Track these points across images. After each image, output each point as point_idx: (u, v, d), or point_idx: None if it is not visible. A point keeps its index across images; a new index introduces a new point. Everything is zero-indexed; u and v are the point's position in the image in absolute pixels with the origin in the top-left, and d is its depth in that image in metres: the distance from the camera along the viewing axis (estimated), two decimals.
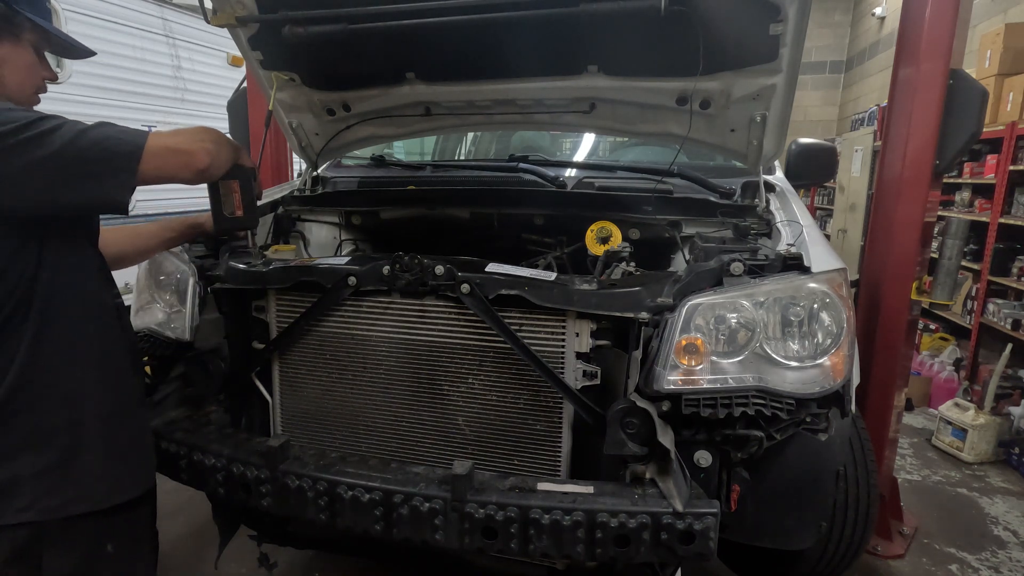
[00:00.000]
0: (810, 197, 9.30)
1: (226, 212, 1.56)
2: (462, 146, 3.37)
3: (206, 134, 1.30)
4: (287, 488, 1.43)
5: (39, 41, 1.25)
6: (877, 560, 2.62)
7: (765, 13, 1.58)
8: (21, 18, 1.19)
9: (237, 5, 1.82)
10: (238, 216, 1.57)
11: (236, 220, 1.58)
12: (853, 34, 9.86)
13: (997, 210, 4.23)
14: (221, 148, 1.33)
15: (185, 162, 1.24)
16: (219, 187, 1.54)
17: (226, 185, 1.53)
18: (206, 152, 1.26)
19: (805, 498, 1.40)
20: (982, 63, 4.57)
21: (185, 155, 1.24)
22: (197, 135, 1.28)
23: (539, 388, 1.51)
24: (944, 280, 2.75)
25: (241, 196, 1.55)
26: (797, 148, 2.47)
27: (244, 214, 1.57)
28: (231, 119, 2.87)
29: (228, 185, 1.53)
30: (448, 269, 1.46)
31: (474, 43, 1.86)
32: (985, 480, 3.46)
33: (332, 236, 2.46)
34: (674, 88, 1.94)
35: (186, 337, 1.73)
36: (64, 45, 1.33)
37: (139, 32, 4.71)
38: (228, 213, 1.56)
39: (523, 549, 1.29)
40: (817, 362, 1.35)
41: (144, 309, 1.79)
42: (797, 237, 1.66)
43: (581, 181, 2.29)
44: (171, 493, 1.74)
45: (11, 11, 1.18)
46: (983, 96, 2.23)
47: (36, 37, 1.24)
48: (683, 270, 1.54)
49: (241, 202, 1.55)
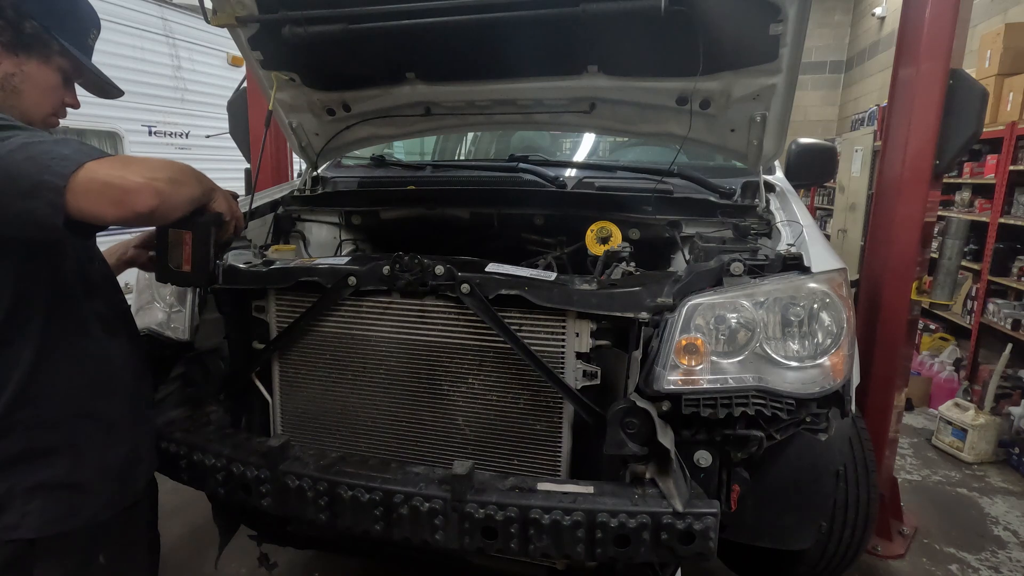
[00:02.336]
0: (810, 197, 9.30)
1: (171, 264, 1.33)
2: (462, 146, 3.37)
3: (165, 171, 1.09)
4: (287, 488, 1.43)
5: (71, 70, 1.24)
6: (877, 560, 2.62)
7: (765, 13, 1.58)
8: (54, 42, 1.19)
9: (237, 5, 1.82)
10: (184, 271, 1.33)
11: (179, 275, 1.35)
12: (853, 34, 9.86)
13: (997, 210, 4.23)
14: (179, 189, 1.12)
15: (117, 199, 1.01)
16: (167, 232, 1.31)
17: (176, 234, 1.30)
18: (153, 192, 1.04)
19: (805, 498, 1.41)
20: (982, 63, 4.57)
21: (119, 191, 1.01)
22: (152, 170, 1.07)
23: (539, 388, 1.51)
24: (944, 280, 2.75)
25: (192, 250, 1.30)
26: (797, 148, 2.48)
27: (191, 270, 1.32)
28: (231, 119, 2.88)
29: (178, 235, 1.30)
30: (448, 269, 1.46)
31: (474, 43, 1.86)
32: (985, 480, 3.46)
33: (332, 236, 2.46)
34: (674, 88, 1.94)
35: (186, 337, 1.73)
36: (95, 82, 1.31)
37: (139, 32, 4.71)
38: (173, 265, 1.33)
39: (523, 549, 1.29)
40: (817, 362, 1.35)
41: (144, 309, 1.79)
42: (797, 237, 1.66)
43: (581, 181, 2.29)
44: (171, 493, 1.74)
45: (47, 34, 1.18)
46: (983, 96, 2.23)
47: (67, 64, 1.23)
48: (683, 270, 1.54)
49: (191, 256, 1.31)
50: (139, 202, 1.03)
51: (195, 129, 5.46)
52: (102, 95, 1.36)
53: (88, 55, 1.28)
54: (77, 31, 1.25)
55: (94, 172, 1.00)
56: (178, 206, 1.15)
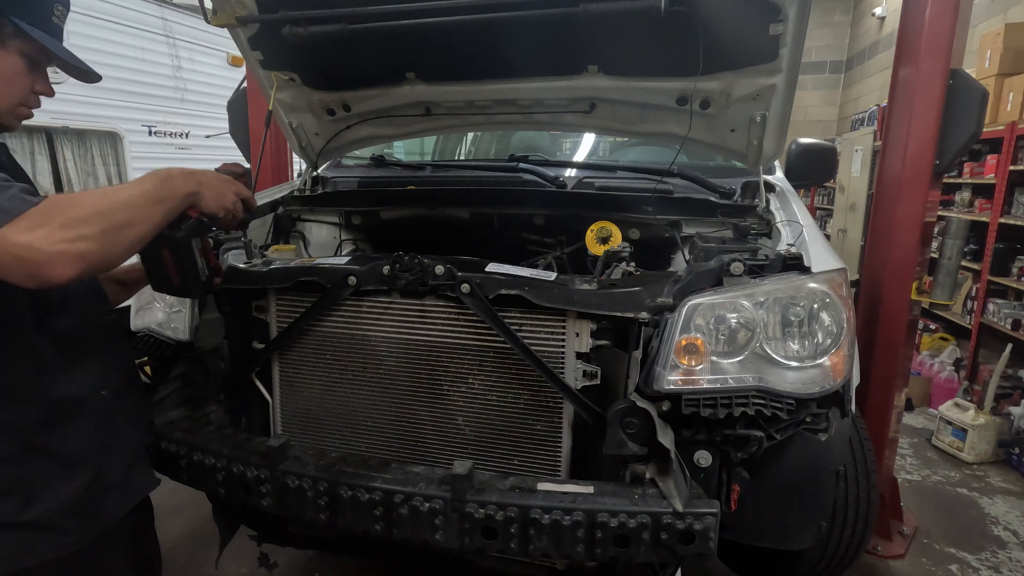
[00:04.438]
0: (810, 197, 9.30)
1: (158, 283, 1.30)
2: (462, 146, 3.37)
3: (97, 223, 0.92)
4: (287, 488, 1.43)
5: (35, 53, 1.12)
6: (877, 560, 2.62)
7: (765, 13, 1.58)
8: (7, 23, 1.06)
9: (237, 5, 1.82)
10: (175, 285, 1.29)
11: (173, 288, 1.31)
12: (853, 34, 9.86)
13: (997, 210, 4.23)
14: (117, 237, 0.96)
15: (30, 273, 0.88)
16: (146, 252, 1.23)
17: (153, 253, 1.22)
18: (71, 260, 0.89)
19: (805, 498, 1.40)
20: (982, 63, 4.57)
21: (30, 265, 0.87)
22: (76, 225, 0.90)
23: (539, 388, 1.51)
24: (944, 280, 2.76)
25: (174, 266, 1.24)
26: (797, 148, 2.48)
27: (181, 283, 1.28)
28: (231, 119, 2.88)
29: (157, 252, 1.22)
30: (448, 269, 1.46)
31: (474, 43, 1.86)
32: (985, 480, 3.46)
33: (332, 236, 2.46)
34: (674, 88, 1.94)
35: (186, 337, 1.73)
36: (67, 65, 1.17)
37: (139, 32, 4.71)
38: (161, 282, 1.29)
39: (523, 549, 1.29)
40: (817, 362, 1.34)
41: (144, 309, 1.79)
42: (797, 237, 1.66)
43: (581, 181, 2.29)
44: (171, 493, 1.74)
45: None
46: (983, 96, 2.23)
47: (30, 47, 1.10)
48: (683, 270, 1.54)
49: (176, 271, 1.25)
50: (55, 273, 0.89)
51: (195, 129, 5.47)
52: (82, 79, 1.23)
53: (56, 35, 1.14)
54: (37, 9, 1.11)
55: (3, 241, 0.86)
56: (119, 255, 0.99)
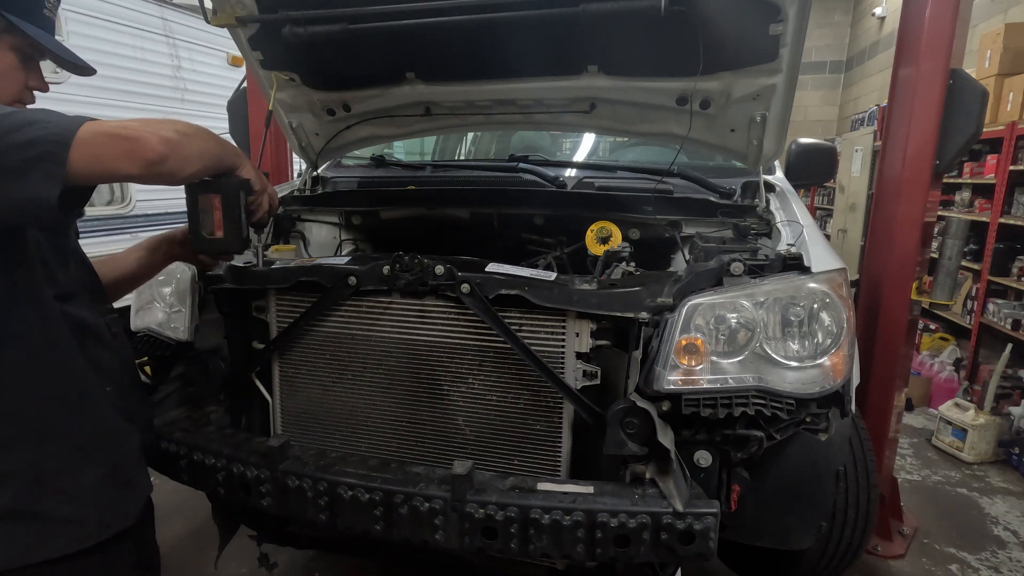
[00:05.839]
0: (810, 197, 9.30)
1: (204, 231, 1.32)
2: (462, 146, 3.37)
3: (173, 124, 1.04)
4: (287, 488, 1.43)
5: (27, 48, 1.11)
6: (877, 560, 2.62)
7: (765, 13, 1.58)
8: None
9: (237, 5, 1.82)
10: (217, 237, 1.32)
11: (214, 242, 1.33)
12: (853, 34, 9.86)
13: (997, 210, 4.23)
14: (191, 142, 1.07)
15: (127, 149, 0.97)
16: (197, 199, 1.30)
17: (205, 199, 1.29)
18: (161, 141, 0.99)
19: (805, 498, 1.40)
20: (982, 63, 4.57)
21: (127, 141, 0.97)
22: (157, 122, 1.02)
23: (539, 388, 1.51)
24: (944, 280, 2.75)
25: (222, 214, 1.30)
26: (797, 148, 2.48)
27: (224, 235, 1.32)
28: (231, 119, 2.88)
29: (207, 199, 1.29)
30: (448, 269, 1.46)
31: (474, 43, 1.86)
32: (985, 480, 3.46)
33: (332, 236, 2.46)
34: (674, 88, 1.94)
35: (186, 337, 1.73)
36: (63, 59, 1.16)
37: (139, 32, 4.71)
38: (206, 233, 1.32)
39: (523, 549, 1.29)
40: (817, 362, 1.34)
41: (144, 309, 1.79)
42: (797, 237, 1.66)
43: (581, 181, 2.29)
44: (171, 493, 1.74)
45: None
46: (983, 96, 2.23)
47: (22, 42, 1.09)
48: (683, 270, 1.54)
49: (221, 221, 1.30)
50: (148, 150, 0.98)
51: None
52: (77, 73, 1.24)
53: (48, 28, 1.13)
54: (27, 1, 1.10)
55: (96, 127, 0.95)
56: (191, 156, 1.07)
